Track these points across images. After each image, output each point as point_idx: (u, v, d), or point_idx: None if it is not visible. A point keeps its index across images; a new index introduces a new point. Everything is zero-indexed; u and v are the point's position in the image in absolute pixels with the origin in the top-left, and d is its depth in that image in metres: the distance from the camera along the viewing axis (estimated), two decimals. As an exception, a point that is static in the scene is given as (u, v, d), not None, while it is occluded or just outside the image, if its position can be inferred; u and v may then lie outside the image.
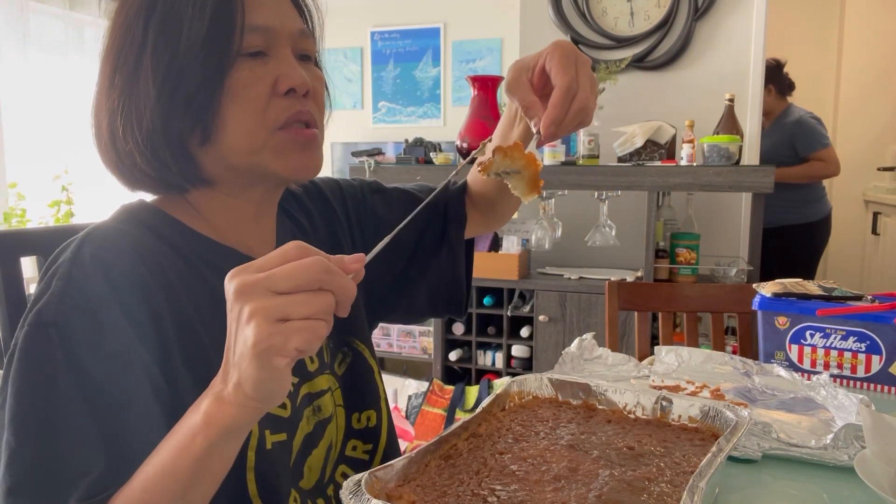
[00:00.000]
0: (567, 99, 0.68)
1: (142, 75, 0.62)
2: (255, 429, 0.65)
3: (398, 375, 3.02)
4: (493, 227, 1.02)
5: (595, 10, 2.86)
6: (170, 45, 0.62)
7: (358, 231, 0.90)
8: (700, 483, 0.54)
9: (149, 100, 0.62)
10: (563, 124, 0.69)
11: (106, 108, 0.65)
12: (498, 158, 0.66)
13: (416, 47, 3.96)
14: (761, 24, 2.66)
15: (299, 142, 0.67)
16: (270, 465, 0.66)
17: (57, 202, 3.25)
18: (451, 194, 0.96)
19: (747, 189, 2.36)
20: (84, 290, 0.58)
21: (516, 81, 0.73)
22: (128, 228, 0.65)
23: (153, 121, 0.63)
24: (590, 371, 1.12)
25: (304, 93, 0.66)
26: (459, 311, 0.97)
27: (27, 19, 3.09)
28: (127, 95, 0.63)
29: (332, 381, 0.79)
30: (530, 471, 0.64)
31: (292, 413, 0.70)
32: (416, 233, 0.93)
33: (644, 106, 2.79)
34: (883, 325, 1.07)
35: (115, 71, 0.64)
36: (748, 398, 1.00)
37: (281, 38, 0.65)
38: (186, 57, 0.61)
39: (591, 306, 2.55)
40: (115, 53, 0.64)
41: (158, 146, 0.64)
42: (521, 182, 0.68)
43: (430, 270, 0.94)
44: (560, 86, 0.68)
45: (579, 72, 0.70)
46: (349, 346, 0.83)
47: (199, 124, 0.63)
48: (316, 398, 0.75)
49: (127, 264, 0.61)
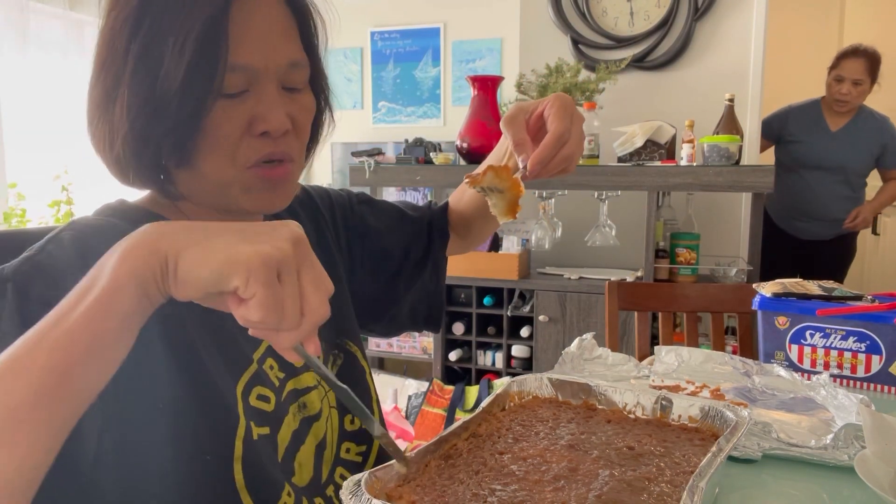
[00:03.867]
0: (558, 144, 0.75)
1: (118, 103, 0.61)
2: (243, 419, 0.65)
3: (398, 375, 3.02)
4: (465, 249, 1.07)
5: (595, 10, 2.86)
6: (149, 76, 0.60)
7: (345, 238, 0.91)
8: (700, 483, 0.54)
9: (120, 131, 0.62)
10: (548, 166, 0.75)
11: (87, 113, 0.65)
12: (490, 175, 0.72)
13: (416, 47, 3.96)
14: (761, 24, 2.66)
15: (269, 181, 0.66)
16: (258, 456, 0.66)
17: (57, 202, 3.25)
18: (435, 212, 1.00)
19: (747, 189, 2.36)
20: (53, 257, 0.58)
21: (513, 119, 0.78)
22: (114, 221, 0.65)
23: (125, 148, 0.63)
24: (590, 371, 1.12)
25: (282, 133, 0.65)
26: (437, 325, 1.00)
27: (27, 19, 3.09)
28: (102, 115, 0.63)
29: (323, 382, 0.79)
30: (530, 471, 0.64)
31: (276, 407, 0.71)
32: (402, 249, 0.95)
33: (644, 106, 2.79)
34: (883, 325, 1.07)
35: (96, 83, 0.64)
36: (748, 398, 1.00)
37: (265, 75, 0.63)
38: (164, 96, 0.60)
39: (591, 306, 2.55)
40: (100, 62, 0.63)
41: (128, 168, 0.65)
42: (502, 202, 0.75)
43: (416, 285, 0.96)
44: (553, 131, 0.75)
45: (573, 125, 0.76)
46: (341, 347, 0.84)
47: (173, 154, 0.63)
48: (302, 394, 0.75)
49: (104, 246, 0.58)
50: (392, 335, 1.03)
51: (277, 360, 0.72)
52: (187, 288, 0.47)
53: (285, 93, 0.66)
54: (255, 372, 0.69)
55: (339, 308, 0.85)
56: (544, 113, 0.78)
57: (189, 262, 0.46)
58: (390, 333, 1.02)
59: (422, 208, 1.02)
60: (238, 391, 0.67)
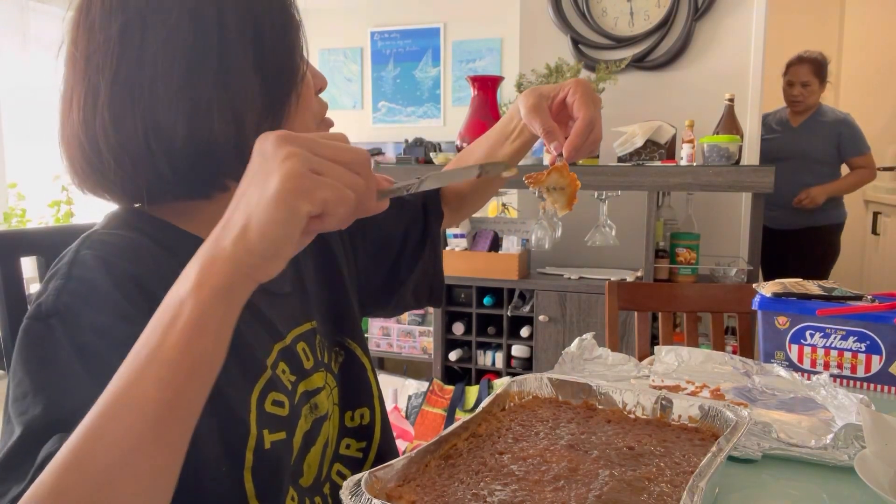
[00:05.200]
0: (588, 130, 0.79)
1: (233, 73, 0.62)
2: (254, 429, 0.65)
3: (398, 375, 3.02)
4: (456, 222, 1.11)
5: (595, 10, 2.86)
6: (254, 47, 0.63)
7: (346, 230, 0.90)
8: (700, 483, 0.54)
9: (249, 93, 0.63)
10: (580, 152, 0.80)
11: (187, 99, 0.60)
12: (555, 176, 0.76)
13: (416, 47, 3.97)
14: (761, 24, 2.66)
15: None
16: (269, 464, 0.66)
17: (57, 202, 3.26)
18: (429, 192, 1.01)
19: (747, 189, 2.36)
20: (86, 281, 0.57)
21: (538, 108, 0.81)
22: (123, 233, 0.64)
23: (222, 121, 0.62)
24: (590, 371, 1.12)
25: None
26: (439, 301, 1.02)
27: (27, 19, 3.09)
28: (222, 88, 0.61)
29: (329, 378, 0.79)
30: (530, 471, 0.64)
31: (290, 411, 0.70)
32: (402, 234, 0.96)
33: (644, 106, 2.79)
34: (883, 325, 1.07)
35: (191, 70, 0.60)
36: (748, 398, 1.00)
37: None
38: (272, 57, 0.64)
39: (591, 306, 2.55)
40: (189, 48, 0.60)
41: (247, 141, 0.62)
42: (563, 198, 0.79)
43: (418, 266, 0.97)
44: (584, 118, 0.79)
45: (598, 109, 0.81)
46: (342, 345, 0.84)
47: (268, 118, 0.66)
48: (313, 395, 0.75)
49: (128, 263, 0.59)
50: (398, 314, 1.06)
51: (288, 364, 0.72)
52: (277, 259, 0.48)
53: None
54: (269, 378, 0.69)
55: (340, 305, 0.85)
56: (567, 99, 0.82)
57: (262, 241, 0.47)
58: (396, 313, 1.05)
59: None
60: (253, 399, 0.66)
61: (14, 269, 0.85)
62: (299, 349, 0.74)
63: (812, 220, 3.09)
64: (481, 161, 0.92)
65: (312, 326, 0.78)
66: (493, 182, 1.04)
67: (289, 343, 0.73)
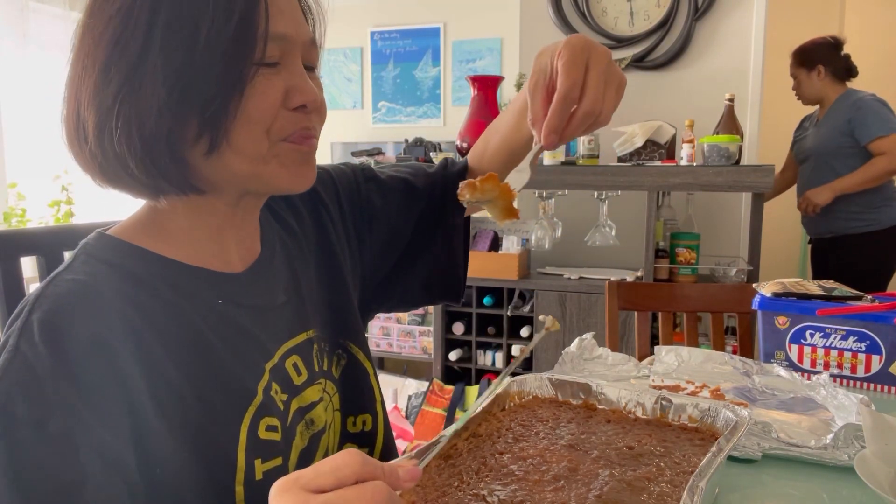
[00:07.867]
0: (566, 105, 0.66)
1: (147, 76, 0.57)
2: (241, 462, 0.62)
3: (398, 375, 3.02)
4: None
5: (595, 10, 2.86)
6: (183, 47, 0.57)
7: (351, 222, 0.88)
8: (700, 483, 0.54)
9: (154, 104, 0.58)
10: (566, 131, 0.67)
11: (95, 105, 0.60)
12: (468, 191, 0.64)
13: (416, 47, 3.97)
14: (761, 24, 2.66)
15: (302, 152, 0.65)
16: (262, 494, 0.61)
17: (57, 202, 3.26)
18: (449, 177, 0.93)
19: (747, 189, 2.37)
20: (29, 364, 0.54)
21: (535, 88, 0.69)
22: (85, 279, 0.60)
23: (158, 126, 0.58)
24: (590, 371, 1.12)
25: (318, 106, 0.65)
26: (456, 296, 0.95)
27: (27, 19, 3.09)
28: (126, 94, 0.58)
29: (328, 386, 0.77)
30: (530, 471, 0.64)
31: (284, 433, 0.68)
32: (413, 225, 0.92)
33: (644, 106, 2.79)
34: (883, 325, 1.07)
35: (110, 64, 0.58)
36: (748, 398, 1.00)
37: (295, 47, 0.63)
38: (203, 63, 0.57)
39: (591, 306, 2.55)
40: (111, 43, 0.58)
41: (159, 153, 0.60)
42: (495, 209, 0.68)
43: (425, 257, 0.92)
44: (558, 92, 0.65)
45: (589, 72, 0.66)
46: (344, 349, 0.82)
47: (208, 132, 0.60)
48: (307, 411, 0.73)
49: (80, 327, 0.56)
50: (407, 309, 0.98)
51: (279, 383, 0.70)
52: None
53: (306, 71, 0.65)
54: (260, 403, 0.66)
55: (342, 310, 0.83)
56: (556, 66, 0.67)
57: None
58: (408, 308, 0.98)
59: (434, 174, 0.94)
60: (243, 429, 0.64)
61: (14, 269, 0.85)
62: (289, 365, 0.71)
63: (854, 225, 2.64)
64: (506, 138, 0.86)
65: (309, 336, 0.75)
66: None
67: (277, 362, 0.70)
